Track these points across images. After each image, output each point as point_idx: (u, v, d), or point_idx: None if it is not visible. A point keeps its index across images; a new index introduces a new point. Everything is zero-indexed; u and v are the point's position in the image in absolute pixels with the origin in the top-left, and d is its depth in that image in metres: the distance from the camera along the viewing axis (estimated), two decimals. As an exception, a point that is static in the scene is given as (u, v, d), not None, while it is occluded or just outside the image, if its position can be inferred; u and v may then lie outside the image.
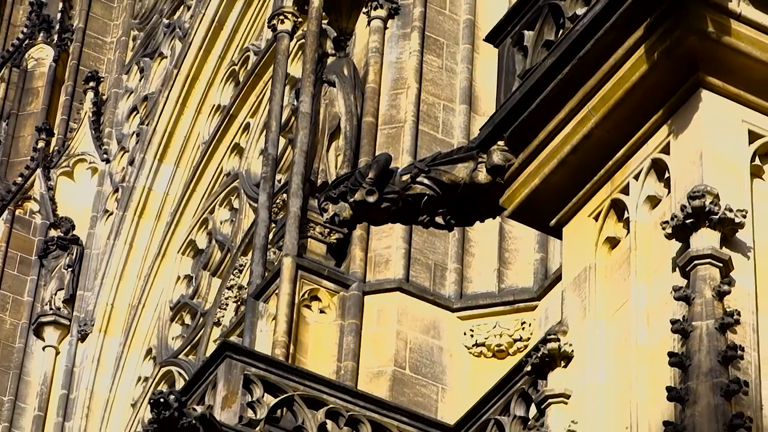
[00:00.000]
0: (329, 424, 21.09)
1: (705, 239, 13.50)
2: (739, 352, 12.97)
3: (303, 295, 24.53)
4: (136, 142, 37.92)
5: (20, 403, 36.52)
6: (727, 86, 14.56)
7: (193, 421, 19.68)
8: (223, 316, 32.60)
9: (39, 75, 41.10)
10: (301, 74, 27.59)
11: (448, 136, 25.09)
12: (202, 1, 37.16)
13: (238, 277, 32.19)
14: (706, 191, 13.51)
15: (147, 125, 37.74)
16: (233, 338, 25.30)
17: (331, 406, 21.26)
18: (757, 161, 14.42)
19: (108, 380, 36.21)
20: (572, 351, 15.00)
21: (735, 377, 12.93)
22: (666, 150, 14.63)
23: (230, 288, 32.98)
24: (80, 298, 37.04)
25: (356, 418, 21.28)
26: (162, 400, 20.07)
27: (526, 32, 16.30)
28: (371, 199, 16.87)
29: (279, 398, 21.10)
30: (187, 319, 35.03)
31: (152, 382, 34.21)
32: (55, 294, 37.01)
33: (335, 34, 27.73)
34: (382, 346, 23.77)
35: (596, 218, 15.29)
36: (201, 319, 34.26)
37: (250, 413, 20.86)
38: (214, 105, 36.61)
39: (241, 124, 35.31)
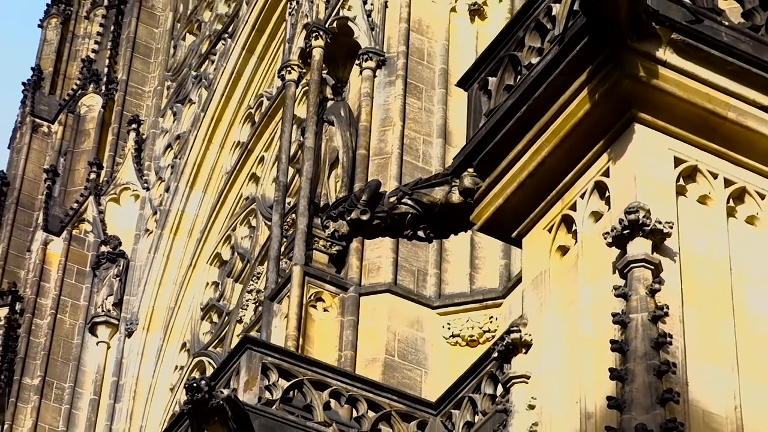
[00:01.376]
0: (332, 402, 21.09)
1: (639, 247, 13.53)
2: (668, 339, 13.00)
3: (309, 297, 24.55)
4: (171, 173, 37.89)
5: (78, 389, 36.45)
6: (656, 121, 14.59)
7: (221, 402, 19.66)
8: (244, 315, 32.57)
9: (90, 119, 41.09)
10: (306, 115, 27.62)
11: (427, 164, 25.08)
12: (224, 55, 37.14)
13: (256, 282, 32.13)
14: (640, 207, 13.55)
15: (179, 159, 37.73)
16: (253, 333, 25.25)
17: (333, 387, 21.25)
18: (681, 182, 14.46)
19: (150, 369, 36.17)
20: (531, 340, 15.03)
21: (665, 360, 12.95)
22: (606, 174, 14.66)
23: (250, 292, 32.94)
24: (126, 302, 37.00)
25: (355, 398, 21.27)
26: (195, 384, 20.05)
27: (490, 78, 16.34)
28: (364, 217, 17.00)
29: (291, 382, 21.09)
30: (215, 318, 35.00)
31: (187, 370, 34.19)
32: (106, 299, 36.99)
33: (333, 82, 27.76)
34: (376, 338, 23.75)
35: (550, 230, 15.31)
36: (226, 318, 34.22)
37: (267, 395, 20.85)
38: (234, 141, 36.56)
39: (257, 157, 35.28)
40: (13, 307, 38.72)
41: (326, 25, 28.06)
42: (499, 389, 17.29)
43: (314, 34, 28.06)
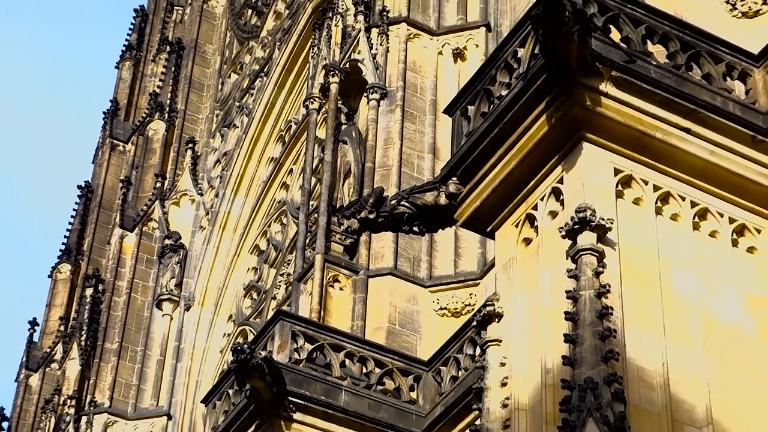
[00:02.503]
0: (347, 361, 21.03)
1: (587, 238, 13.54)
2: (610, 311, 13.02)
3: (328, 278, 24.48)
4: (219, 182, 37.84)
5: (148, 351, 36.43)
6: (599, 140, 14.58)
7: (259, 361, 19.63)
8: (277, 293, 32.52)
9: (156, 140, 41.08)
10: (325, 136, 27.54)
11: (421, 175, 25.01)
12: (260, 90, 37.09)
13: (287, 267, 32.07)
14: (587, 207, 13.56)
15: (226, 171, 37.68)
16: (284, 307, 25.17)
17: (348, 349, 21.20)
18: (620, 187, 14.48)
19: (204, 336, 36.15)
20: (502, 312, 15.01)
21: (607, 327, 12.94)
22: (561, 181, 14.65)
23: (282, 275, 32.89)
24: (185, 283, 36.95)
25: (364, 357, 21.21)
26: (239, 348, 20.03)
27: (469, 107, 16.32)
28: (371, 216, 17.05)
29: (314, 345, 21.04)
30: (254, 296, 34.94)
31: (232, 337, 34.13)
32: (169, 281, 36.96)
33: (346, 110, 27.70)
34: (380, 311, 23.67)
35: (516, 226, 15.29)
36: (263, 296, 34.19)
37: (295, 355, 20.79)
38: (269, 157, 36.49)
39: (287, 169, 35.24)
40: (97, 288, 38.76)
41: (341, 66, 28.01)
42: (478, 351, 17.22)
43: (331, 73, 28.03)
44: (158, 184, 39.69)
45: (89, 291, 39.23)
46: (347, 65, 27.94)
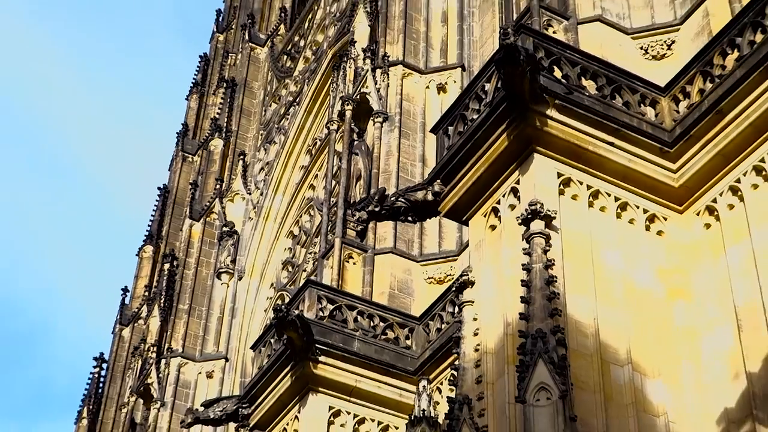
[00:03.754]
0: (359, 317, 21.03)
1: (537, 225, 13.53)
2: (554, 279, 13.02)
3: (345, 256, 24.48)
4: (263, 184, 37.84)
5: (210, 311, 36.45)
6: (546, 151, 14.57)
7: (293, 318, 19.63)
8: (307, 267, 32.49)
9: (216, 153, 41.09)
10: (342, 150, 27.56)
11: (413, 178, 24.98)
12: (294, 115, 37.09)
13: (314, 247, 32.05)
14: (537, 202, 13.57)
15: (268, 176, 37.66)
16: (312, 278, 25.16)
17: (359, 308, 21.20)
18: (561, 187, 14.50)
19: (252, 299, 36.14)
20: (474, 280, 14.99)
21: (553, 291, 12.92)
22: (518, 182, 14.68)
23: (310, 253, 32.88)
24: (238, 260, 36.95)
25: (372, 314, 21.21)
26: (278, 308, 20.04)
27: (449, 127, 16.30)
28: (377, 209, 17.07)
29: (334, 305, 21.04)
30: (290, 269, 34.92)
31: (273, 300, 34.09)
32: (226, 258, 36.95)
33: (357, 130, 27.70)
34: (384, 280, 23.65)
35: (485, 216, 15.28)
36: (296, 269, 34.19)
37: (320, 313, 20.79)
38: (300, 165, 36.47)
39: (314, 174, 35.23)
40: (172, 264, 38.76)
41: (353, 97, 28.01)
42: (456, 309, 17.23)
43: (346, 103, 28.05)
44: (218, 186, 39.73)
45: (167, 266, 39.28)
46: (358, 96, 27.95)
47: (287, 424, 20.63)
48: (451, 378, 18.61)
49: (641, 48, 18.06)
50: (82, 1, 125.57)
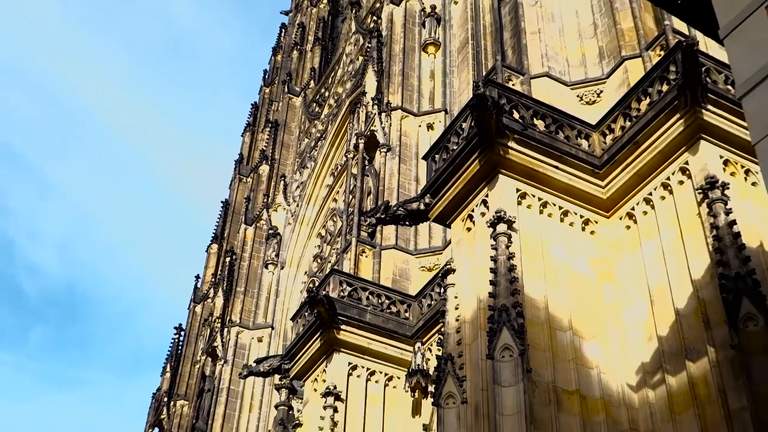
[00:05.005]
0: (370, 296, 20.99)
1: (501, 227, 13.50)
2: (514, 267, 12.93)
3: (359, 251, 24.43)
4: (299, 198, 37.79)
5: (261, 292, 36.37)
6: (508, 173, 14.55)
7: (321, 297, 19.62)
8: (331, 260, 32.47)
9: (263, 176, 41.22)
10: (357, 173, 27.51)
11: (410, 194, 24.87)
12: (320, 147, 37.03)
13: (336, 245, 32.01)
14: (501, 210, 13.51)
15: (302, 192, 37.61)
16: (335, 267, 25.13)
17: (370, 290, 21.17)
18: (519, 199, 14.39)
19: (291, 283, 36.08)
20: (455, 268, 14.96)
21: (513, 276, 13.04)
22: (487, 196, 14.62)
23: (333, 249, 32.83)
24: (281, 254, 36.90)
25: (379, 294, 21.17)
26: (310, 289, 20.03)
27: (436, 155, 16.25)
28: (382, 216, 17.00)
29: (351, 287, 21.03)
30: (319, 261, 34.83)
31: (307, 284, 34.02)
32: (272, 253, 36.87)
33: (368, 158, 27.66)
34: (388, 269, 23.58)
35: (463, 221, 15.25)
36: (323, 261, 34.16)
37: (341, 293, 20.78)
38: (326, 184, 36.39)
39: (336, 191, 35.19)
40: (232, 257, 38.74)
41: (365, 133, 28.01)
42: (442, 290, 17.23)
43: (360, 138, 28.04)
44: (265, 200, 39.70)
45: (227, 259, 39.30)
46: (368, 133, 27.95)
47: (317, 376, 20.65)
48: (439, 341, 18.58)
49: (578, 96, 18.06)
50: (169, 58, 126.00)
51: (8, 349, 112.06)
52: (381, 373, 20.41)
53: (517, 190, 14.59)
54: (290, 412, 22.16)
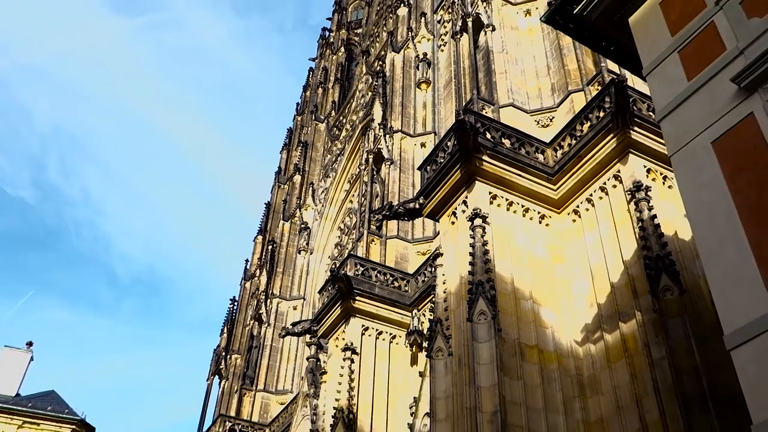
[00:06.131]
0: (378, 274, 20.88)
1: (478, 221, 13.41)
2: (488, 251, 12.84)
3: (369, 240, 24.28)
4: (323, 200, 37.68)
5: (295, 271, 36.31)
6: (483, 180, 14.44)
7: (341, 275, 19.57)
8: (348, 247, 32.35)
9: (297, 184, 40.99)
10: (367, 180, 27.38)
11: (408, 196, 24.78)
12: (339, 161, 36.90)
13: (352, 235, 31.94)
14: (478, 208, 13.41)
15: (326, 195, 37.50)
16: (351, 253, 25.03)
17: (378, 270, 21.06)
18: (491, 199, 14.26)
19: (318, 265, 35.99)
20: (443, 253, 14.88)
21: (487, 258, 12.86)
22: (467, 198, 14.50)
23: (350, 239, 32.75)
24: (310, 243, 36.81)
25: (384, 273, 21.05)
26: (332, 270, 19.95)
27: (428, 167, 16.12)
28: (387, 214, 16.90)
29: (364, 268, 20.97)
30: (339, 248, 34.77)
31: (329, 265, 33.95)
32: (303, 242, 36.80)
33: (376, 169, 27.48)
34: (392, 253, 23.47)
35: (448, 216, 15.14)
36: (342, 248, 34.07)
37: (356, 273, 20.70)
38: (344, 189, 36.27)
39: (353, 195, 35.07)
40: (273, 246, 38.67)
41: (373, 150, 27.86)
42: (433, 269, 17.18)
43: (369, 154, 27.93)
44: (298, 202, 39.58)
45: (269, 247, 39.20)
46: (376, 150, 27.80)
47: (338, 335, 20.61)
48: (431, 308, 18.57)
49: (535, 121, 17.99)
50: (227, 95, 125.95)
51: (106, 316, 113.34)
52: (387, 332, 20.37)
53: (490, 193, 14.53)
54: (318, 363, 22.16)
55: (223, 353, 38.78)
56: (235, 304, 41.71)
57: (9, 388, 33.92)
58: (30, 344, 36.81)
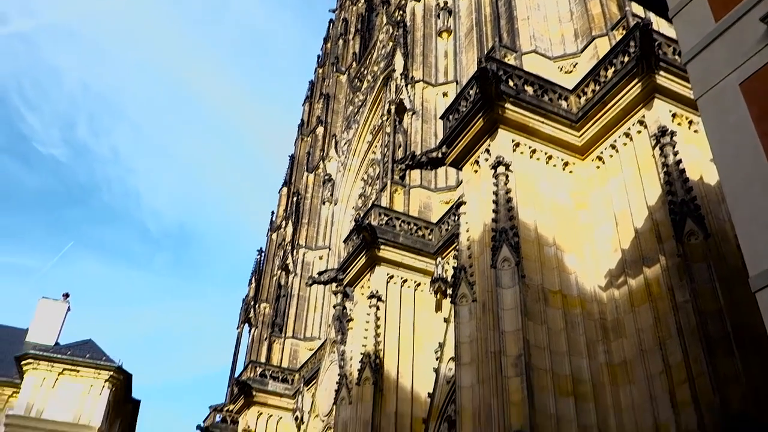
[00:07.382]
0: (402, 223, 20.91)
1: (501, 169, 13.27)
2: (511, 199, 12.80)
3: (393, 189, 24.24)
4: (347, 151, 37.57)
5: (320, 221, 36.50)
6: (506, 127, 14.34)
7: (365, 225, 19.65)
8: (372, 198, 32.30)
9: (319, 135, 40.91)
10: (390, 131, 27.20)
11: (431, 145, 24.61)
12: (361, 112, 36.61)
13: (376, 185, 31.87)
14: (501, 156, 13.32)
15: (349, 146, 37.34)
16: (375, 202, 25.00)
17: (402, 219, 21.10)
18: (514, 147, 14.16)
19: (342, 215, 35.98)
20: (466, 201, 14.88)
21: (510, 206, 12.82)
22: (489, 146, 14.43)
23: (373, 189, 32.74)
24: (334, 194, 36.82)
25: (408, 222, 21.07)
26: (357, 219, 20.03)
27: (450, 116, 15.95)
28: (410, 163, 16.91)
29: (388, 217, 20.95)
30: (363, 198, 34.75)
31: (354, 215, 33.93)
32: (327, 193, 36.85)
33: (398, 119, 27.26)
34: (415, 202, 23.35)
35: (471, 165, 15.05)
36: (366, 198, 34.01)
37: (380, 222, 20.73)
38: (367, 140, 36.11)
39: (375, 146, 34.91)
40: (297, 197, 38.88)
41: (395, 101, 27.55)
42: (456, 218, 17.18)
43: (392, 104, 27.62)
44: (321, 154, 39.56)
45: (294, 199, 39.38)
46: (398, 100, 27.59)
47: (364, 283, 20.82)
48: (455, 255, 18.65)
49: (558, 67, 17.68)
50: (250, 51, 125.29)
51: (139, 269, 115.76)
52: (412, 280, 20.54)
53: (512, 140, 14.41)
54: (344, 311, 22.46)
55: (252, 302, 39.42)
56: (263, 255, 42.19)
57: (48, 337, 34.92)
58: (66, 295, 37.68)
